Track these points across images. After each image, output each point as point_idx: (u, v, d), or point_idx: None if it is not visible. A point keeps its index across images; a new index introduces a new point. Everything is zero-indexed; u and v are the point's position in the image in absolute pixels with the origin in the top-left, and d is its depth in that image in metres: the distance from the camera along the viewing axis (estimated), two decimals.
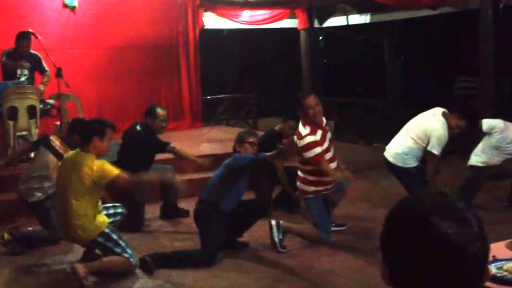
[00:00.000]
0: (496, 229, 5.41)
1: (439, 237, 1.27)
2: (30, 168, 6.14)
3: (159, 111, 6.88)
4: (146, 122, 6.87)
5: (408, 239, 1.30)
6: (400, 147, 6.26)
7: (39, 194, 5.93)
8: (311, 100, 5.65)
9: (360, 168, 8.87)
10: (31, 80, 8.51)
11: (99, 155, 5.15)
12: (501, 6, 9.12)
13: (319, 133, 5.64)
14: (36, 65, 8.54)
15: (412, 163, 6.19)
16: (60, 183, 5.25)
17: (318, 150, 5.53)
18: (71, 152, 5.36)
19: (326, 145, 5.71)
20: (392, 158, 6.27)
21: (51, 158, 5.96)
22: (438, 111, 6.32)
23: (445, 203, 1.34)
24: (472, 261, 1.28)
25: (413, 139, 6.17)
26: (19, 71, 8.39)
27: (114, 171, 5.00)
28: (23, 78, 8.36)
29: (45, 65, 8.60)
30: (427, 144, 6.11)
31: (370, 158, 9.83)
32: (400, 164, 6.21)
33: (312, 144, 5.52)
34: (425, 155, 6.18)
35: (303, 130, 5.59)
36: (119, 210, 5.65)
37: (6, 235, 5.90)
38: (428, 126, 6.16)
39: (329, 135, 5.87)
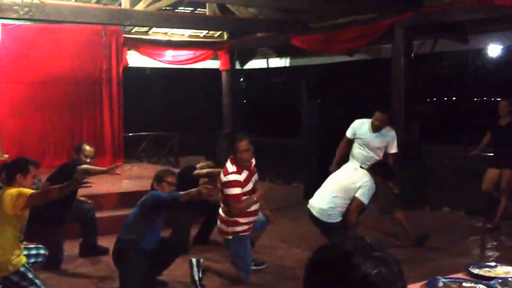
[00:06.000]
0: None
1: (362, 277, 1.32)
2: None
3: (85, 147, 7.00)
4: (74, 158, 6.98)
5: (331, 280, 1.35)
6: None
7: None
8: (244, 144, 5.81)
9: (278, 207, 9.11)
10: None
11: None
12: (412, 55, 9.68)
13: (244, 174, 5.80)
14: None
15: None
16: None
17: (237, 190, 5.70)
18: None
19: (249, 187, 5.86)
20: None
21: None
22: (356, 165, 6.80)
23: (365, 245, 1.40)
24: None
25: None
26: None
27: (29, 190, 5.09)
28: None
29: None
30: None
31: (288, 197, 10.11)
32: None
33: (234, 183, 5.69)
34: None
35: (230, 167, 5.75)
36: (42, 252, 5.62)
37: None
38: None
39: (255, 177, 6.05)
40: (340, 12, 10.49)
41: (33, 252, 5.51)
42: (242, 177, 5.75)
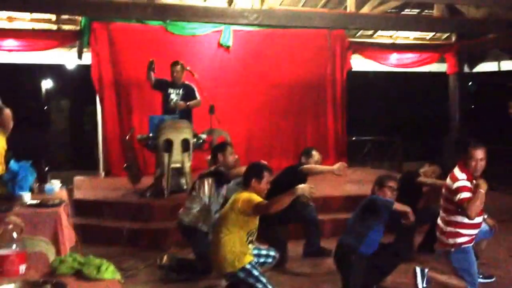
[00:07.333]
0: None
1: None
2: (195, 201, 6.40)
3: (314, 152, 7.17)
4: (300, 162, 7.09)
5: None
6: None
7: (202, 226, 6.21)
8: (480, 153, 5.48)
9: (503, 219, 8.48)
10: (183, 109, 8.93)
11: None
12: None
13: (473, 183, 5.46)
14: (188, 93, 8.97)
15: None
16: (220, 216, 5.60)
17: (468, 194, 5.34)
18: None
19: None
20: None
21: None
22: None
23: None
24: None
25: None
26: (171, 96, 8.90)
27: (258, 198, 5.30)
28: (175, 99, 8.86)
29: (197, 94, 9.00)
30: None
31: None
32: None
33: (466, 188, 5.33)
34: None
35: (459, 174, 5.42)
36: (272, 253, 5.78)
37: (165, 259, 6.25)
38: None
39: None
40: None
41: (263, 252, 5.70)
42: (471, 185, 5.39)
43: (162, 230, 7.61)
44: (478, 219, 5.49)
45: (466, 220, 5.38)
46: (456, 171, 5.47)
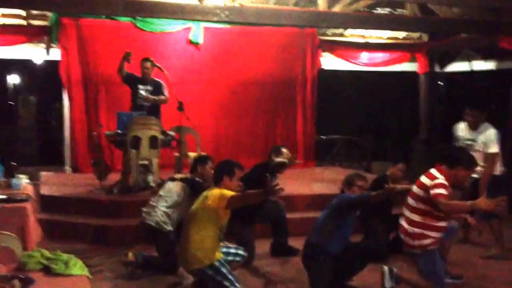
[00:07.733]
0: None
1: None
2: (161, 200, 6.35)
3: (283, 150, 7.17)
4: (269, 159, 7.07)
5: None
6: None
7: (168, 226, 6.16)
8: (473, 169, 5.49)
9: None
10: (152, 105, 8.87)
11: None
12: None
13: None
14: (157, 89, 8.93)
15: None
16: (190, 213, 5.54)
17: (446, 191, 5.27)
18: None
19: None
20: None
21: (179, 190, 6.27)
22: None
23: None
24: None
25: None
26: (140, 91, 8.84)
27: (230, 192, 5.31)
28: (143, 93, 8.82)
29: (165, 91, 8.95)
30: None
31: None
32: None
33: (443, 185, 5.25)
34: None
35: (439, 175, 5.34)
36: (240, 252, 5.77)
37: (130, 256, 6.17)
38: None
39: None
40: None
41: (232, 251, 5.68)
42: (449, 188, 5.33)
43: (128, 226, 7.54)
44: (444, 223, 5.44)
45: (433, 223, 5.32)
46: (435, 172, 5.30)
